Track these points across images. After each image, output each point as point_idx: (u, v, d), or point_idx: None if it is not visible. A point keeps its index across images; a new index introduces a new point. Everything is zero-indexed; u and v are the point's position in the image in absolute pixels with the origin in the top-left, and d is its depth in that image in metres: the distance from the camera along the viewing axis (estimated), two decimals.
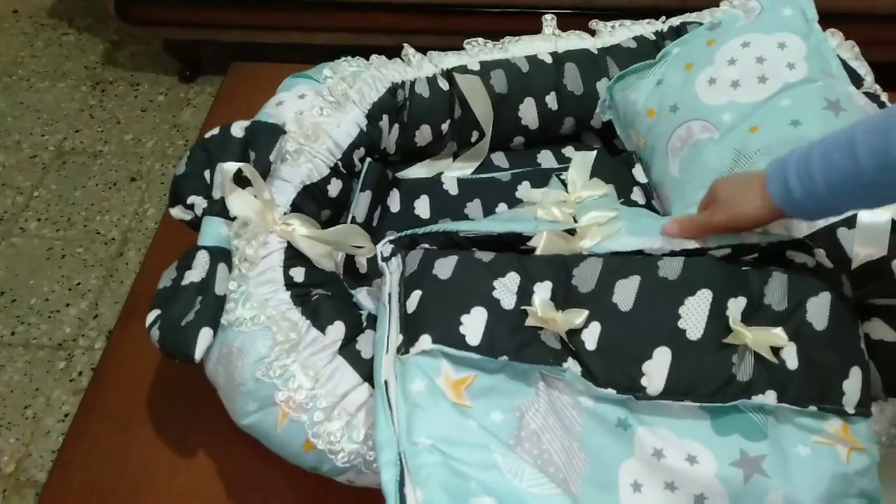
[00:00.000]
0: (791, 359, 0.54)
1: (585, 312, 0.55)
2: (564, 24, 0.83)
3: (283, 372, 0.55)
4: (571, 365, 0.54)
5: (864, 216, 0.59)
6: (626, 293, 0.56)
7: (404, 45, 0.78)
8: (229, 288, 0.59)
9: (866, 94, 0.72)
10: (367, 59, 0.76)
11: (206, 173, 0.65)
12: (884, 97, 0.74)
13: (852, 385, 0.54)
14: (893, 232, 0.59)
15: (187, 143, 1.74)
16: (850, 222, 0.59)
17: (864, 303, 0.59)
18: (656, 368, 0.53)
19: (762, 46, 0.73)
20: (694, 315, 0.55)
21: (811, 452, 0.52)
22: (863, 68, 0.76)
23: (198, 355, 0.56)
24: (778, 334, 0.54)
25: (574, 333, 0.55)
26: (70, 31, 2.02)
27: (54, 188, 1.65)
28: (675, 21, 0.84)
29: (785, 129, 0.67)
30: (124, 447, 0.67)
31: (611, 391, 0.53)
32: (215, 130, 0.67)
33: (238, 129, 0.66)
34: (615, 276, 0.57)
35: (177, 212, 0.65)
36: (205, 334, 0.56)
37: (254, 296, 0.58)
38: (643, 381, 0.53)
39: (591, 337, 0.55)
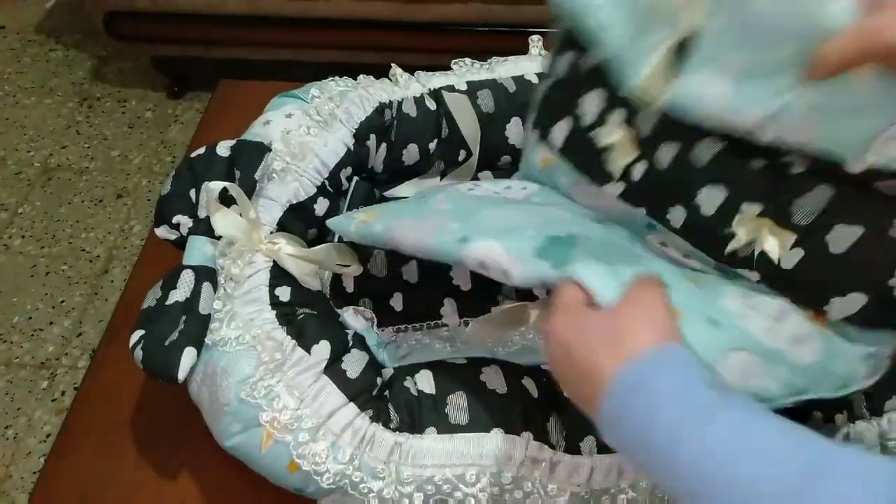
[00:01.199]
0: (789, 262, 0.53)
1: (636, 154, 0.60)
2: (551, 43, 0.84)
3: (268, 392, 0.55)
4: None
5: None
6: (667, 153, 0.58)
7: (392, 64, 0.79)
8: (214, 307, 0.59)
9: None
10: (355, 78, 0.77)
11: (192, 192, 0.65)
12: None
13: (845, 303, 0.51)
14: None
15: (175, 159, 1.74)
16: None
17: None
18: (679, 217, 0.59)
19: None
20: (709, 200, 0.56)
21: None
22: None
23: (181, 375, 0.56)
24: (782, 233, 0.53)
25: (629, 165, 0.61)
26: (58, 47, 2.02)
27: (39, 205, 1.64)
28: None
29: None
30: (107, 468, 0.66)
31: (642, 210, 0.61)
32: (201, 150, 0.67)
33: (224, 148, 0.66)
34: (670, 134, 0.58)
35: (162, 231, 0.65)
36: (188, 354, 0.56)
37: (239, 315, 0.58)
38: (668, 216, 0.59)
39: (638, 172, 0.60)
